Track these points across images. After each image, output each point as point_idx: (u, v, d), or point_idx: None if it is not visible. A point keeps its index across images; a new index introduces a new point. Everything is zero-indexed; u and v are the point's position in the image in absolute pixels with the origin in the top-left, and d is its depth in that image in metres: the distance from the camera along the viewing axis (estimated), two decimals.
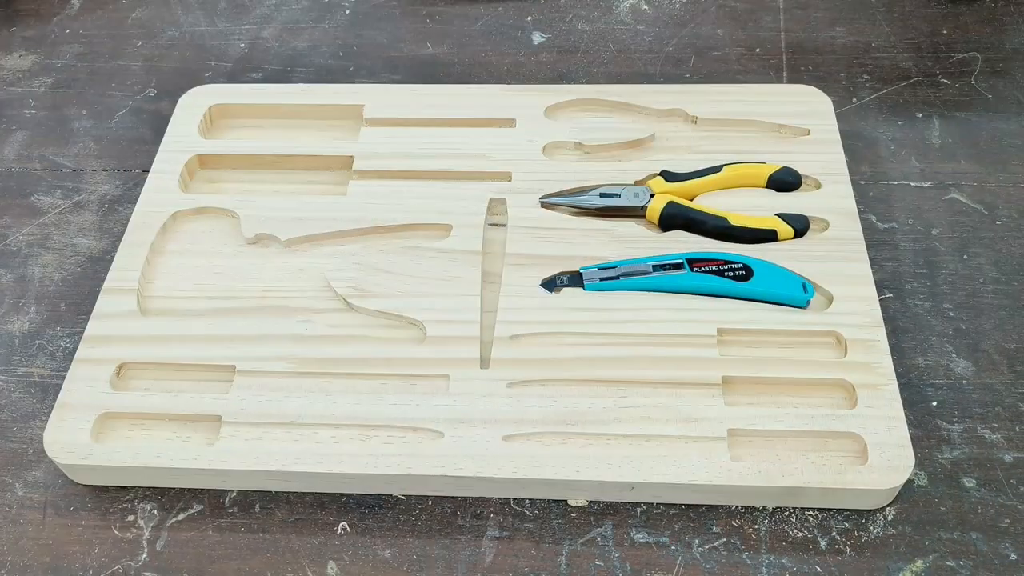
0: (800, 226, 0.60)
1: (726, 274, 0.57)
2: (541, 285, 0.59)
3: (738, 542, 0.50)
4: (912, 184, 0.67)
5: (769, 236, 0.60)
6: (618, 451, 0.51)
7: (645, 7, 0.83)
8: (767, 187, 0.63)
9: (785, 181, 0.63)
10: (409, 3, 0.84)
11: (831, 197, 0.62)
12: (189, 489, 0.54)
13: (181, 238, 0.64)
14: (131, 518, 0.53)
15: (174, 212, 0.64)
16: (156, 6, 0.86)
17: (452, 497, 0.53)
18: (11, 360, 0.61)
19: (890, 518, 0.51)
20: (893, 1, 0.81)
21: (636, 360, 0.55)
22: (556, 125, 0.68)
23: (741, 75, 0.76)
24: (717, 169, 0.63)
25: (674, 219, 0.61)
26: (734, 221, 0.60)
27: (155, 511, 0.53)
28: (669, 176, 0.63)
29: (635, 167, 0.65)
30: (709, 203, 0.62)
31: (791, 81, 0.75)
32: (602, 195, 0.63)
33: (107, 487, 0.54)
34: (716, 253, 0.59)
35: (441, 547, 0.51)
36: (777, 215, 0.61)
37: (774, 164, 0.63)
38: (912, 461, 0.50)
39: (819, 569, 0.49)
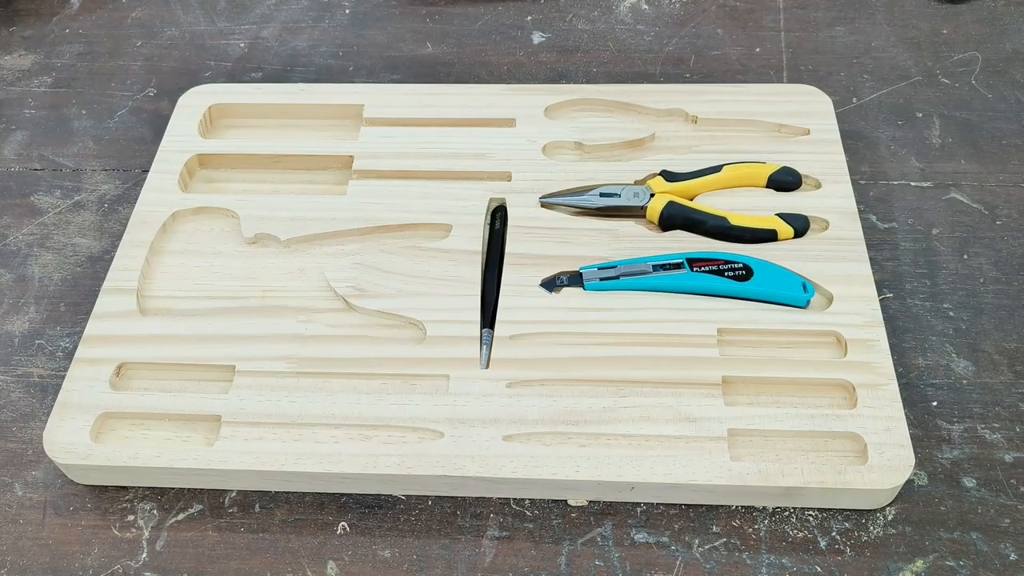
0: (800, 226, 0.60)
1: (726, 274, 0.57)
2: (541, 285, 0.59)
3: (738, 542, 0.50)
4: (912, 184, 0.67)
5: (769, 236, 0.60)
6: (618, 451, 0.51)
7: (645, 7, 0.83)
8: (767, 187, 0.63)
9: (785, 181, 0.63)
10: (409, 3, 0.84)
11: (831, 197, 0.62)
12: (189, 489, 0.54)
13: (181, 238, 0.64)
14: (131, 518, 0.53)
15: (174, 212, 0.64)
16: (156, 6, 0.86)
17: (452, 497, 0.53)
18: (11, 360, 0.60)
19: (890, 518, 0.51)
20: (893, 1, 0.81)
21: (636, 360, 0.55)
22: (556, 125, 0.68)
23: (741, 75, 0.76)
24: (717, 169, 0.63)
25: (674, 219, 0.61)
26: (734, 221, 0.60)
27: (155, 511, 0.53)
28: (669, 176, 0.63)
29: (635, 167, 0.65)
30: (709, 203, 0.62)
31: (791, 81, 0.75)
32: (602, 195, 0.63)
33: (107, 487, 0.54)
34: (716, 253, 0.59)
35: (441, 547, 0.51)
36: (777, 215, 0.61)
37: (774, 164, 0.63)
38: (912, 461, 0.50)
39: (819, 569, 0.49)
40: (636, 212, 0.62)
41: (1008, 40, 0.77)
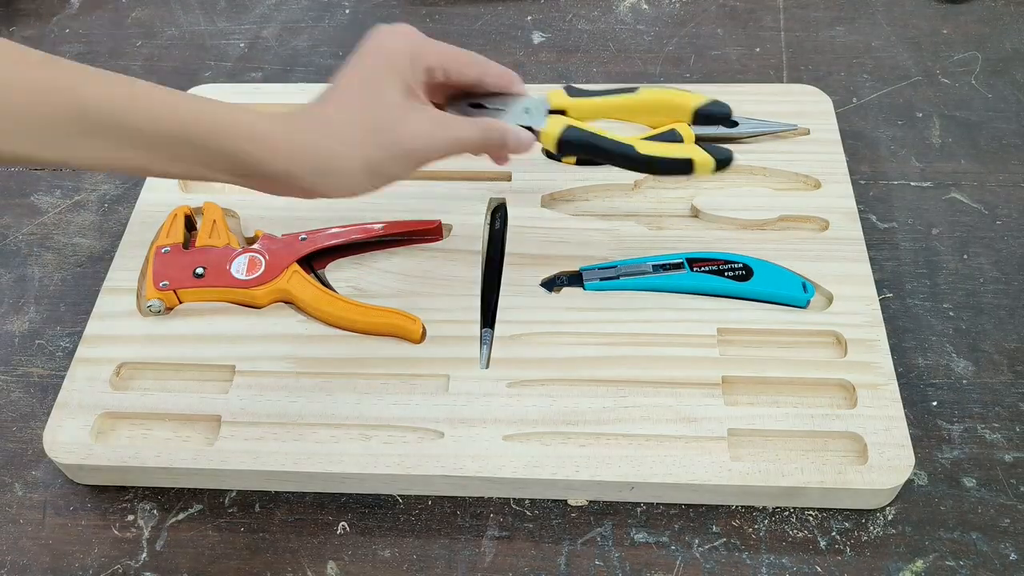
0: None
1: (726, 274, 0.57)
2: (541, 285, 0.59)
3: (738, 542, 0.50)
4: (912, 184, 0.67)
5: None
6: (618, 451, 0.51)
7: (645, 7, 0.83)
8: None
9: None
10: (409, 2, 0.84)
11: (831, 197, 0.62)
12: (189, 489, 0.54)
13: None
14: (131, 518, 0.53)
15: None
16: (155, 5, 0.86)
17: (452, 497, 0.53)
18: (11, 360, 0.60)
19: (890, 518, 0.51)
20: (893, 0, 0.81)
21: (636, 360, 0.55)
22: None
23: (741, 75, 0.76)
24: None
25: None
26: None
27: (155, 511, 0.53)
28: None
29: None
30: (709, 202, 0.62)
31: (791, 81, 0.75)
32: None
33: (107, 487, 0.54)
34: (716, 253, 0.59)
35: (441, 547, 0.51)
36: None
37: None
38: (912, 461, 0.50)
39: (819, 569, 0.49)
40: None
41: (1008, 40, 0.77)
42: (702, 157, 0.52)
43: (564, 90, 0.55)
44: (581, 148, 0.53)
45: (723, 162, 0.53)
